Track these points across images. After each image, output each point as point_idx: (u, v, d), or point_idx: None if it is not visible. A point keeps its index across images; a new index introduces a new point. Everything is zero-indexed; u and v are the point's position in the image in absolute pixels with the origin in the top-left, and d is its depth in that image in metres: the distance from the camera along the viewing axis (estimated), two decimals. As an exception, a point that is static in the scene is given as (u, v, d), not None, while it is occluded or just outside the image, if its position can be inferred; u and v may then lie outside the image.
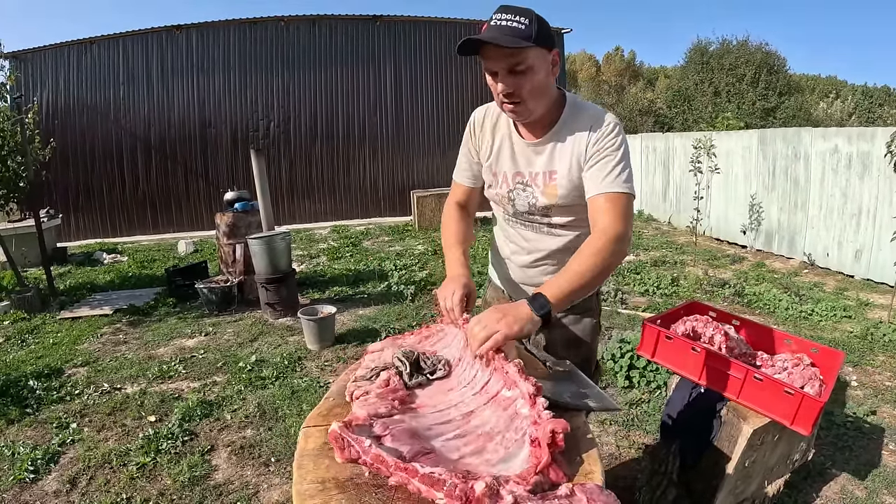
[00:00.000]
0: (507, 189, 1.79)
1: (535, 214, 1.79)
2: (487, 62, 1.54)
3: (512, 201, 1.80)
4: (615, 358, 4.30)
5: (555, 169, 1.69)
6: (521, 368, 1.24)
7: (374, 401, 1.25)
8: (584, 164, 1.64)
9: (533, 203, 1.75)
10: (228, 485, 3.07)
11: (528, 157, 1.74)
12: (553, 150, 1.69)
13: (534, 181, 1.74)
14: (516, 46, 1.47)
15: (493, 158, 1.81)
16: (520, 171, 1.76)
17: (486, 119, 1.82)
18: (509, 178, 1.78)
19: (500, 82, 1.55)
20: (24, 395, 4.21)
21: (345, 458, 1.07)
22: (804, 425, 1.87)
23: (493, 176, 1.83)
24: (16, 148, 6.70)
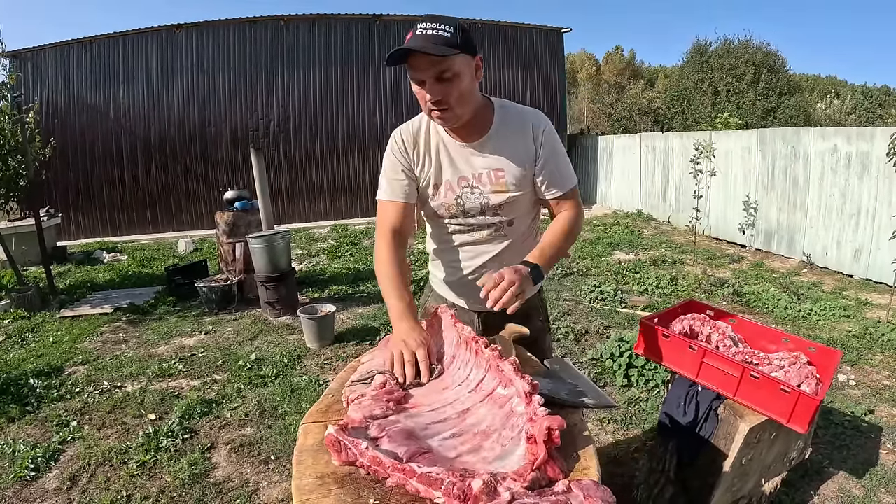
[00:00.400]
0: (455, 196, 1.79)
1: (486, 214, 1.81)
2: (415, 71, 1.57)
3: (461, 206, 1.79)
4: (614, 357, 4.32)
5: (500, 167, 1.76)
6: (517, 366, 1.25)
7: (370, 403, 1.26)
8: (537, 162, 1.78)
9: (485, 203, 1.78)
10: (228, 482, 3.08)
11: (468, 159, 1.77)
12: (495, 149, 1.76)
13: (479, 182, 1.77)
14: (445, 55, 1.52)
15: (434, 170, 1.79)
16: (464, 175, 1.77)
17: (413, 136, 1.79)
18: (454, 184, 1.78)
19: (428, 90, 1.58)
20: (24, 393, 4.22)
21: (342, 461, 1.08)
22: (800, 423, 1.88)
23: (434, 188, 1.80)
24: (16, 147, 6.70)
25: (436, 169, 1.78)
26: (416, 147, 1.79)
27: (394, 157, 1.79)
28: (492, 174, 1.76)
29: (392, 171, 1.79)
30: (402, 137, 1.79)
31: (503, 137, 1.76)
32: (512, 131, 1.76)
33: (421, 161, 1.79)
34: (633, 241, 9.89)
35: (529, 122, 1.78)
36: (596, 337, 5.13)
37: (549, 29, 15.30)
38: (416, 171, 1.80)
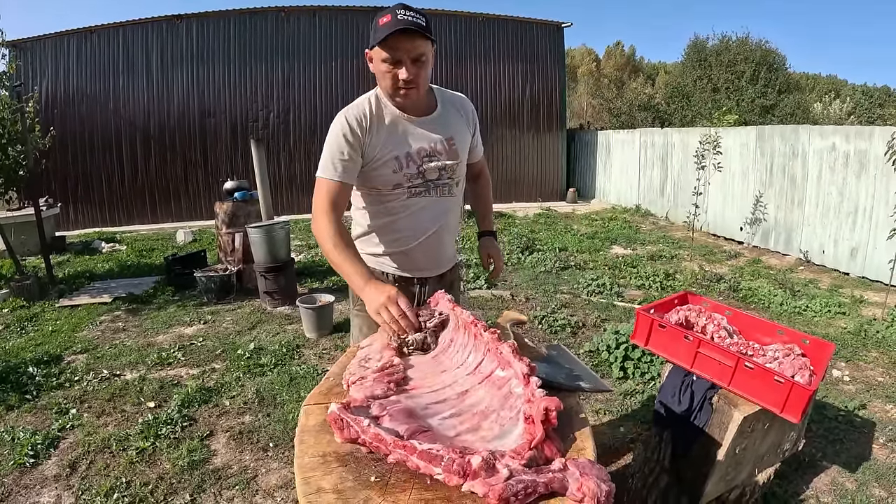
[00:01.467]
0: (417, 165, 1.93)
1: (443, 178, 2.00)
2: (396, 51, 1.73)
3: (422, 173, 1.94)
4: (610, 349, 4.35)
5: (451, 136, 1.99)
6: (515, 349, 1.27)
7: (371, 383, 1.28)
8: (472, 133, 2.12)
9: (443, 167, 1.98)
10: (227, 469, 3.11)
11: (424, 132, 1.95)
12: (445, 122, 1.99)
13: (435, 150, 1.96)
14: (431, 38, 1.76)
15: (393, 146, 1.90)
16: (422, 146, 1.94)
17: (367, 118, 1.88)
18: (414, 155, 1.93)
19: (406, 70, 1.75)
20: (23, 381, 4.22)
21: (344, 438, 1.11)
22: (794, 413, 1.90)
23: (396, 161, 1.90)
24: (16, 136, 6.69)
25: (396, 143, 1.90)
26: (371, 127, 1.88)
27: (343, 140, 1.85)
28: (445, 143, 1.98)
29: (339, 153, 1.85)
30: (355, 120, 1.86)
31: (449, 114, 2.02)
32: (454, 110, 2.05)
33: (377, 140, 1.88)
34: (631, 236, 9.91)
35: (463, 103, 2.11)
36: (593, 329, 5.16)
37: (549, 23, 15.27)
38: (367, 151, 1.89)
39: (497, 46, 14.76)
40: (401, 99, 1.85)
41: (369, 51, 1.85)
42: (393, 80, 1.78)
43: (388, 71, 1.77)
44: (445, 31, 14.22)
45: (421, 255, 2.06)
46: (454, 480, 0.97)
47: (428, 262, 2.10)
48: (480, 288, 6.44)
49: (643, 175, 12.87)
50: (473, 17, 14.53)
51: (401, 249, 2.04)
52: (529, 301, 6.03)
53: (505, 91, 14.98)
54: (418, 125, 1.94)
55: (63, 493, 2.92)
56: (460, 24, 14.41)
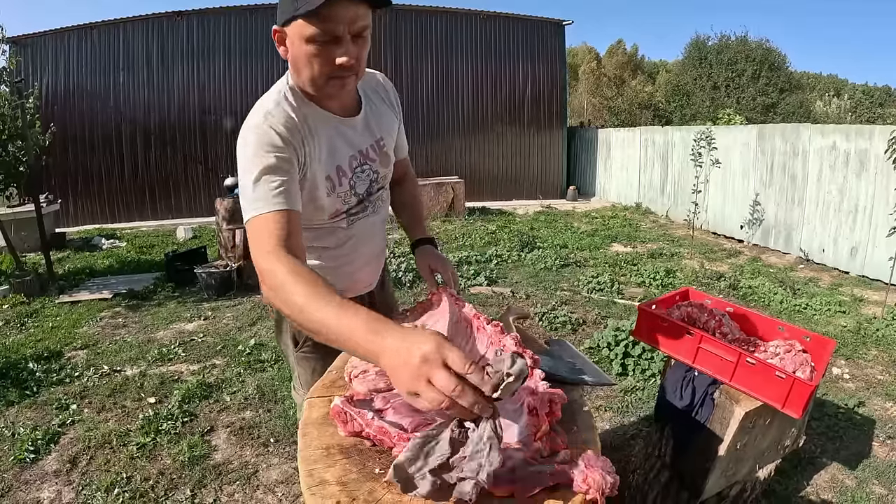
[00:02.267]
0: (348, 180, 1.56)
1: (373, 193, 1.66)
2: (333, 23, 1.26)
3: (354, 191, 1.59)
4: (610, 346, 4.35)
5: (379, 136, 1.63)
6: (519, 341, 1.27)
7: (374, 377, 1.28)
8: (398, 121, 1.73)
9: (374, 178, 1.64)
10: (228, 464, 3.11)
11: (354, 133, 1.57)
12: (368, 119, 1.61)
13: (367, 157, 1.59)
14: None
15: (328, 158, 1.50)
16: (353, 154, 1.56)
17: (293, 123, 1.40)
18: (345, 168, 1.55)
19: (346, 49, 1.30)
20: (23, 377, 4.22)
21: (348, 431, 1.11)
22: (795, 409, 1.91)
23: (326, 181, 1.51)
24: (16, 133, 6.68)
25: (326, 156, 1.49)
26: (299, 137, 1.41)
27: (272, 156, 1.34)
28: (375, 147, 1.61)
29: (274, 174, 1.33)
30: (281, 127, 1.37)
31: (374, 105, 1.63)
32: (378, 99, 1.66)
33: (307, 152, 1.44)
34: (631, 234, 9.92)
35: (385, 88, 1.69)
36: (593, 326, 5.16)
37: (550, 21, 15.26)
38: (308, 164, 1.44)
39: (498, 44, 14.75)
40: (334, 90, 1.40)
41: (282, 27, 1.34)
42: (326, 64, 1.32)
43: (318, 53, 1.31)
44: (446, 29, 14.23)
45: (367, 275, 1.81)
46: (459, 472, 0.97)
47: (372, 276, 1.86)
48: (481, 285, 6.44)
49: (643, 173, 12.88)
50: (474, 15, 14.52)
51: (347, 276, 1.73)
52: (530, 298, 6.03)
53: (505, 89, 14.97)
54: (348, 127, 1.54)
55: (63, 489, 2.92)
56: (461, 21, 14.40)
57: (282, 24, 1.33)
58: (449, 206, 11.68)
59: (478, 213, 12.48)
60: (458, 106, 14.61)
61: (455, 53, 14.34)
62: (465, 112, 14.75)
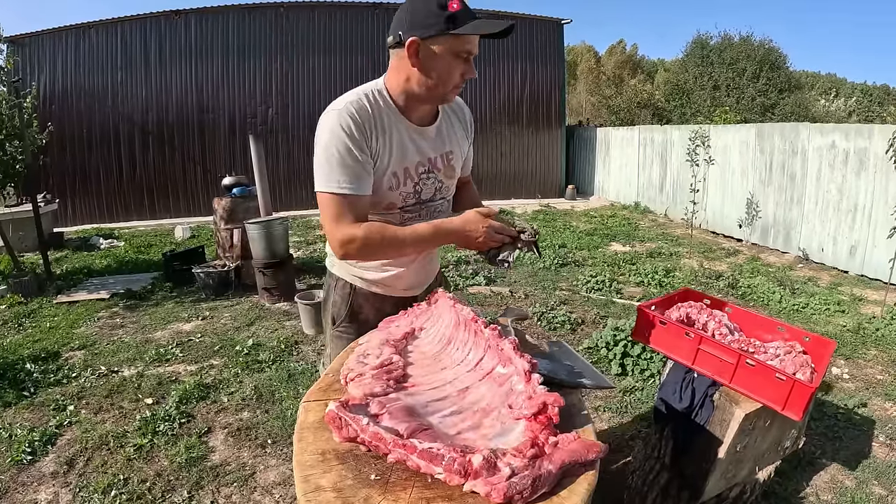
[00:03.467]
0: (413, 183, 1.70)
1: (435, 200, 1.79)
2: (474, 46, 1.54)
3: (418, 194, 1.72)
4: (609, 346, 4.34)
5: (450, 150, 1.78)
6: (516, 345, 1.26)
7: (370, 381, 1.26)
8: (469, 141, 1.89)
9: (438, 187, 1.77)
10: (225, 466, 3.10)
11: (426, 143, 1.71)
12: (441, 132, 1.76)
13: (434, 166, 1.74)
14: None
15: (394, 157, 1.64)
16: (421, 161, 1.70)
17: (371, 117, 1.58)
18: (412, 171, 1.69)
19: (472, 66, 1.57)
20: (21, 378, 4.21)
21: (343, 437, 1.09)
22: (795, 411, 1.89)
23: (392, 177, 1.66)
24: (13, 132, 6.67)
25: (397, 155, 1.64)
26: (375, 131, 1.58)
27: (349, 143, 1.52)
28: (443, 158, 1.76)
29: (351, 158, 1.53)
30: (359, 118, 1.55)
31: (449, 122, 1.79)
32: (455, 118, 1.82)
33: (379, 146, 1.60)
34: (630, 233, 9.91)
35: (463, 110, 1.87)
36: (592, 326, 5.15)
37: (549, 20, 15.25)
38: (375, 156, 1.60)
39: (496, 43, 14.70)
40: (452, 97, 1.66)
41: (424, 38, 1.50)
42: (460, 76, 1.57)
43: (459, 67, 1.55)
44: (445, 28, 14.20)
45: (413, 276, 1.88)
46: (455, 480, 0.96)
47: (419, 279, 1.93)
48: (479, 285, 6.43)
49: (642, 172, 12.87)
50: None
51: (392, 273, 1.83)
52: (528, 298, 6.02)
53: (504, 88, 14.96)
54: (421, 136, 1.70)
55: (60, 490, 2.91)
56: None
57: (426, 35, 1.49)
58: (448, 205, 11.65)
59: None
60: (457, 104, 14.60)
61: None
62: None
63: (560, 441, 1.04)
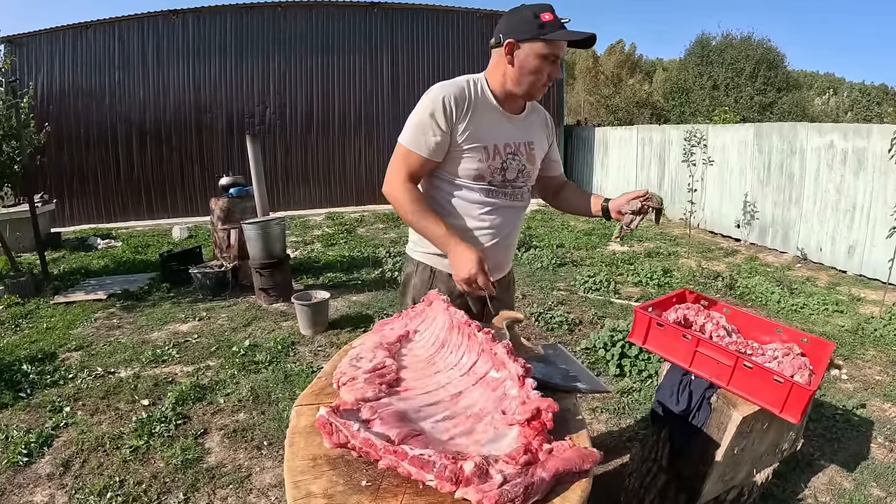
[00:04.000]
0: (501, 160, 1.95)
1: (518, 180, 2.02)
2: (560, 50, 1.83)
3: (504, 171, 1.96)
4: (607, 347, 4.33)
5: (531, 140, 2.05)
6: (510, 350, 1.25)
7: (362, 385, 1.25)
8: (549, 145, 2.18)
9: (521, 169, 2.01)
10: (221, 468, 3.09)
11: (514, 129, 1.99)
12: (529, 124, 2.06)
13: (518, 150, 1.99)
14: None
15: (485, 135, 1.91)
16: (508, 143, 1.96)
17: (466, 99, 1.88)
18: (501, 148, 1.94)
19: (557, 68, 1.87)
20: (17, 379, 4.20)
21: (333, 443, 1.08)
22: (793, 413, 1.88)
23: (483, 150, 1.91)
24: (11, 132, 6.65)
25: (488, 133, 1.92)
26: (466, 111, 1.88)
27: (435, 117, 1.84)
28: (526, 145, 2.03)
29: (430, 127, 1.85)
30: (452, 96, 1.86)
31: (533, 118, 2.09)
32: (539, 118, 2.12)
33: (468, 121, 1.88)
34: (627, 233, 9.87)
35: (546, 115, 2.18)
36: (589, 327, 5.14)
37: (547, 20, 15.22)
38: (457, 133, 1.88)
39: (494, 42, 14.72)
40: (538, 94, 1.93)
41: (518, 41, 1.82)
42: (546, 76, 1.86)
43: (544, 68, 1.84)
44: (443, 27, 14.19)
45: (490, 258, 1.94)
46: (446, 487, 0.95)
47: (494, 265, 2.01)
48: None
49: (641, 172, 12.86)
50: (471, 13, 14.49)
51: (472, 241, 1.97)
52: (526, 298, 6.01)
53: (502, 87, 14.94)
54: (510, 121, 1.98)
55: (56, 492, 2.90)
56: (458, 19, 14.36)
57: (521, 39, 1.82)
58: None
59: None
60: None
61: (451, 52, 14.31)
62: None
63: (555, 448, 1.03)
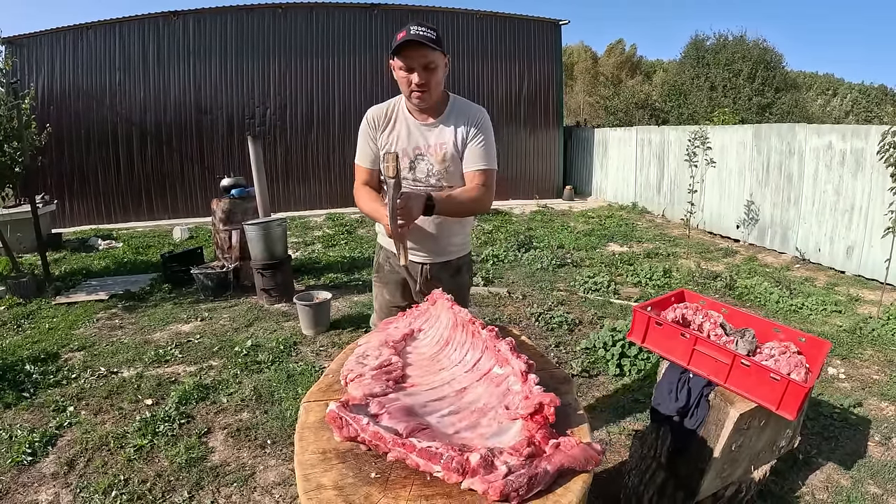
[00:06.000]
0: (409, 160, 2.25)
1: (431, 178, 2.27)
2: (409, 60, 2.07)
3: (413, 170, 2.26)
4: (606, 346, 4.36)
5: (444, 141, 2.24)
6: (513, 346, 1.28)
7: (369, 381, 1.28)
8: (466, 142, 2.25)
9: (430, 169, 2.26)
10: (225, 466, 3.11)
11: (424, 134, 2.25)
12: (443, 129, 2.24)
13: (428, 151, 2.25)
14: (436, 48, 2.05)
15: (395, 140, 2.26)
16: (417, 146, 2.25)
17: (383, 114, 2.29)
18: (409, 151, 2.25)
19: (417, 75, 2.07)
20: (20, 379, 4.22)
21: (343, 436, 1.11)
22: (789, 410, 1.92)
23: None
24: (12, 133, 6.66)
25: (397, 139, 2.26)
26: (385, 123, 2.28)
27: (365, 131, 2.32)
28: (437, 146, 2.24)
29: (365, 141, 2.33)
30: (373, 115, 2.31)
31: (451, 121, 2.25)
32: (458, 117, 2.26)
33: (386, 132, 2.28)
34: (628, 234, 9.93)
35: (472, 112, 2.29)
36: (589, 327, 5.17)
37: (546, 21, 15.27)
38: (379, 141, 2.29)
39: (494, 44, 14.76)
40: (416, 101, 2.16)
41: (391, 61, 2.15)
42: (407, 84, 2.12)
43: (405, 77, 2.11)
44: (442, 27, 14.22)
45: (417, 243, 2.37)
46: (453, 478, 0.98)
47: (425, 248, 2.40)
48: (477, 285, 6.45)
49: (640, 172, 12.89)
50: (470, 14, 14.52)
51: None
52: (526, 298, 6.04)
53: (502, 88, 14.97)
54: (418, 127, 2.26)
55: (61, 491, 2.93)
56: (457, 20, 14.39)
57: (391, 59, 2.14)
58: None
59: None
60: (455, 105, 14.62)
61: (453, 53, 14.31)
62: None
63: (562, 444, 1.06)
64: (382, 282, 2.57)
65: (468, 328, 1.44)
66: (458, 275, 2.51)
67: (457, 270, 2.50)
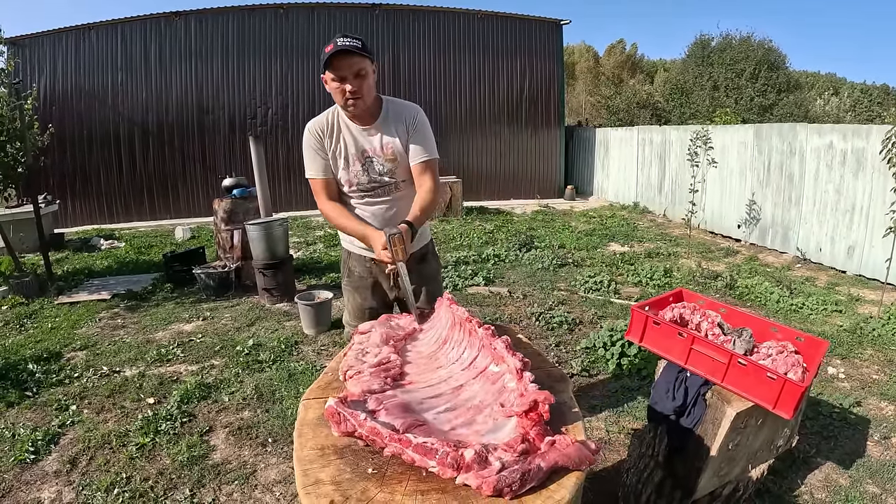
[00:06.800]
0: (360, 164, 2.36)
1: (384, 176, 2.39)
2: (340, 70, 2.16)
3: (367, 173, 2.37)
4: (606, 346, 4.37)
5: (389, 141, 2.36)
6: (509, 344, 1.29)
7: (368, 378, 1.30)
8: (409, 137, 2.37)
9: (381, 168, 2.37)
10: (226, 464, 3.13)
11: (367, 138, 2.36)
12: (384, 130, 2.36)
13: (376, 153, 2.36)
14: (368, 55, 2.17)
15: (342, 149, 2.36)
16: (364, 150, 2.36)
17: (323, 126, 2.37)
18: (359, 157, 2.36)
19: (349, 84, 2.17)
20: (23, 378, 4.24)
21: (341, 431, 1.13)
22: (786, 409, 1.93)
23: (345, 161, 2.37)
24: (14, 134, 6.68)
25: (344, 147, 2.36)
26: (328, 132, 2.36)
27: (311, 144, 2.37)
28: (384, 147, 2.36)
29: (313, 153, 2.37)
30: (315, 127, 2.37)
31: (390, 121, 2.37)
32: (395, 117, 2.38)
33: (331, 143, 2.36)
34: (629, 233, 9.93)
35: (407, 111, 2.41)
36: (589, 326, 5.18)
37: (547, 21, 15.27)
38: (328, 150, 2.36)
39: (495, 43, 14.77)
40: (351, 108, 2.24)
41: (323, 76, 2.24)
42: (341, 94, 2.19)
43: (338, 87, 2.19)
44: (443, 28, 14.25)
45: None
46: (448, 473, 0.99)
47: None
48: (478, 285, 6.47)
49: (641, 172, 12.89)
50: (472, 14, 14.53)
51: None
52: (527, 298, 6.05)
53: (503, 88, 14.98)
54: (362, 131, 2.36)
55: (64, 489, 2.94)
56: (459, 20, 14.41)
57: (322, 73, 2.24)
58: (446, 205, 11.69)
59: (475, 212, 12.50)
60: (456, 105, 14.63)
61: (452, 53, 14.36)
62: (463, 111, 14.77)
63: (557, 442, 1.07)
64: (353, 286, 2.64)
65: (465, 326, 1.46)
66: (423, 262, 2.61)
67: (422, 258, 2.61)
